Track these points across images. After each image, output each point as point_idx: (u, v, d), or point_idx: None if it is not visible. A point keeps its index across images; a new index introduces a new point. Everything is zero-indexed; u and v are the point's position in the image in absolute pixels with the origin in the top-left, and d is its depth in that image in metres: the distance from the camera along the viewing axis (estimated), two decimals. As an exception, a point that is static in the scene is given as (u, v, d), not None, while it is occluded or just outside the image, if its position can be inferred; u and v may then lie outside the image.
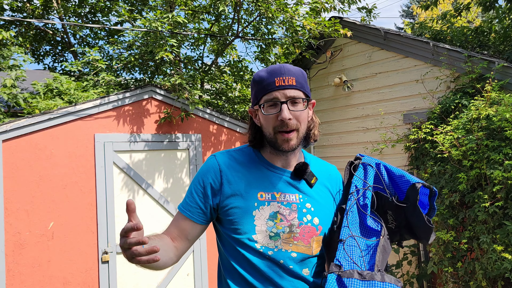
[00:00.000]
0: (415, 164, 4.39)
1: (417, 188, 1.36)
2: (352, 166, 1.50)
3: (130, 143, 4.56)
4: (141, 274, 4.51)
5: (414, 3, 23.24)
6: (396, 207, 1.43)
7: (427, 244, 1.48)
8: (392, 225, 1.45)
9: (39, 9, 7.99)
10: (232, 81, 7.29)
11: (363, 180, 1.43)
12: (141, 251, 1.14)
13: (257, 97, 1.43)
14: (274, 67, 1.44)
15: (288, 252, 1.38)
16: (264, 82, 1.41)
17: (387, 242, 1.40)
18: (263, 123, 1.43)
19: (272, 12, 5.27)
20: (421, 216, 1.38)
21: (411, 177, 1.41)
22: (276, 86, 1.39)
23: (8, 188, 3.85)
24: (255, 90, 1.45)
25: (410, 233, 1.47)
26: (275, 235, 1.38)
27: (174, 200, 4.85)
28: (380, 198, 1.44)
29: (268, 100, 1.40)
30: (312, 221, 1.42)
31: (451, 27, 6.67)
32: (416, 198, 1.37)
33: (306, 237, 1.40)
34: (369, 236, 1.39)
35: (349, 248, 1.33)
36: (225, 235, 1.44)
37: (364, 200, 1.41)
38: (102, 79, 5.46)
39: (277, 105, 1.39)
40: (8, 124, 3.88)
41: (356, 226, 1.38)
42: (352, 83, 5.43)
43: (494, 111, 3.53)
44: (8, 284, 3.78)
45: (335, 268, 1.29)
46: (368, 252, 1.36)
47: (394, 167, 1.45)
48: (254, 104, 1.47)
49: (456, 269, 3.75)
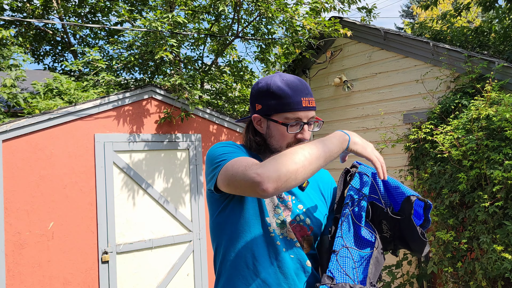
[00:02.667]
0: (415, 164, 4.39)
1: (411, 201, 1.35)
2: (347, 174, 1.49)
3: (130, 143, 4.56)
4: (141, 274, 4.51)
5: (414, 3, 23.24)
6: (391, 218, 1.43)
7: (421, 256, 1.47)
8: (387, 234, 1.45)
9: (39, 9, 8.00)
10: (232, 81, 7.30)
11: (359, 190, 1.43)
12: None
13: (276, 110, 1.41)
14: (295, 83, 1.43)
15: (293, 241, 1.41)
16: (289, 99, 1.40)
17: (380, 254, 1.41)
18: (276, 136, 1.44)
19: (272, 12, 5.27)
20: (415, 230, 1.38)
21: (406, 189, 1.40)
22: (303, 107, 1.41)
23: (8, 188, 3.85)
24: (274, 102, 1.42)
25: (404, 245, 1.47)
26: (282, 223, 1.41)
27: (174, 200, 4.85)
28: (376, 209, 1.43)
29: (291, 118, 1.41)
30: (304, 221, 1.45)
31: (451, 27, 6.67)
32: (410, 211, 1.36)
33: (297, 236, 1.43)
34: (363, 247, 1.39)
35: (342, 260, 1.34)
36: (233, 213, 1.43)
37: (359, 210, 1.41)
38: (102, 79, 5.46)
39: (298, 124, 1.41)
40: (8, 124, 3.88)
41: (350, 237, 1.38)
42: (352, 83, 5.43)
43: (494, 111, 3.53)
44: (8, 284, 3.78)
45: (328, 280, 1.30)
46: (361, 263, 1.36)
47: (390, 178, 1.43)
48: (265, 114, 1.44)
49: (456, 269, 3.75)
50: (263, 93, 1.44)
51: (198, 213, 4.99)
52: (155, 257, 4.63)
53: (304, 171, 1.20)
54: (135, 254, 4.50)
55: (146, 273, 4.55)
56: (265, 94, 1.43)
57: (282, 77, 1.45)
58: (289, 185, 1.18)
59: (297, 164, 1.19)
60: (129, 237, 4.48)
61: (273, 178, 1.15)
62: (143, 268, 4.53)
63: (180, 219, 4.83)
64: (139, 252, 4.52)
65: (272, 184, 1.16)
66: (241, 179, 1.21)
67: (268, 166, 1.18)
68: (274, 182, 1.16)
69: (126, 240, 4.45)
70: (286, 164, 1.17)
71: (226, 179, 1.27)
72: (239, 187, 1.24)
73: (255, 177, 1.16)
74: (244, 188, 1.22)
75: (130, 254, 4.46)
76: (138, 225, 4.55)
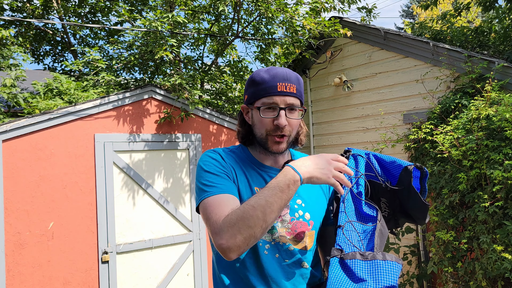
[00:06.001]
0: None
1: (410, 170, 1.41)
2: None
3: (130, 143, 4.56)
4: (141, 274, 4.51)
5: (414, 3, 23.24)
6: (390, 193, 1.46)
7: (424, 224, 1.50)
8: (385, 212, 1.48)
9: (39, 9, 8.00)
10: (232, 81, 7.30)
11: (355, 169, 1.45)
12: None
13: (255, 96, 1.43)
14: (277, 70, 1.43)
15: (285, 245, 1.40)
16: (266, 84, 1.41)
17: (384, 226, 1.43)
18: (257, 124, 1.45)
19: (272, 12, 5.27)
20: (416, 196, 1.42)
21: (401, 161, 1.45)
22: (278, 91, 1.39)
23: (8, 188, 3.85)
24: (253, 89, 1.44)
25: (405, 217, 1.51)
26: (272, 228, 1.39)
27: (174, 200, 4.85)
28: (373, 186, 1.46)
29: (266, 103, 1.40)
30: (304, 216, 1.44)
31: (451, 27, 6.67)
32: (410, 179, 1.41)
33: (298, 232, 1.42)
34: (365, 221, 1.41)
35: (348, 233, 1.35)
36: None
37: (357, 188, 1.44)
38: (102, 79, 5.46)
39: (275, 109, 1.40)
40: (8, 124, 3.88)
41: (353, 213, 1.40)
42: (352, 83, 5.43)
43: (494, 111, 3.53)
44: (8, 284, 3.78)
45: (337, 252, 1.30)
46: (366, 236, 1.38)
47: (384, 155, 1.48)
48: (249, 103, 1.47)
49: (456, 269, 3.75)
50: (248, 83, 1.47)
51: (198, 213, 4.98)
52: (155, 257, 4.63)
53: (261, 231, 1.21)
54: (135, 254, 4.50)
55: (146, 273, 4.55)
56: (249, 84, 1.47)
57: (269, 68, 1.45)
58: (251, 245, 1.22)
59: (253, 229, 1.19)
60: (129, 237, 4.48)
61: (233, 249, 1.18)
62: (143, 268, 4.53)
63: (180, 219, 4.83)
64: (139, 252, 4.52)
65: (234, 254, 1.19)
66: (210, 232, 1.25)
67: (227, 237, 1.18)
68: (236, 252, 1.19)
69: (126, 240, 4.45)
70: (242, 232, 1.18)
71: (203, 218, 1.32)
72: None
73: (221, 244, 1.18)
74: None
75: (130, 254, 4.46)
76: (138, 225, 4.55)
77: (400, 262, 1.27)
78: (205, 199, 1.32)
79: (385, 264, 1.25)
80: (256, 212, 1.18)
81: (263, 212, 1.19)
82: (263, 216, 1.19)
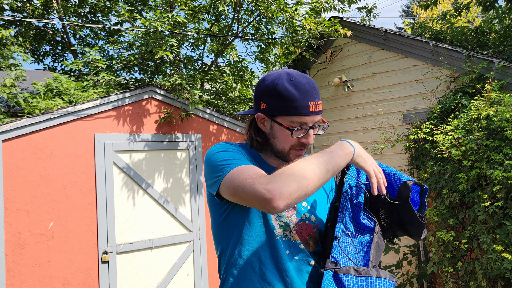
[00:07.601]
0: (415, 164, 4.39)
1: (408, 185, 1.38)
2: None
3: (130, 143, 4.56)
4: (141, 274, 4.51)
5: (414, 3, 23.24)
6: (389, 205, 1.45)
7: (419, 240, 1.50)
8: (384, 222, 1.48)
9: (39, 9, 8.00)
10: (232, 81, 7.29)
11: (356, 178, 1.46)
12: None
13: (281, 112, 1.37)
14: (304, 85, 1.37)
15: (296, 242, 1.41)
16: (296, 102, 1.35)
17: (381, 239, 1.43)
18: (279, 138, 1.41)
19: (272, 12, 5.27)
20: (413, 213, 1.40)
21: (402, 175, 1.44)
22: (310, 112, 1.37)
23: (8, 188, 3.85)
24: (279, 103, 1.37)
25: (402, 230, 1.50)
26: (285, 225, 1.40)
27: (174, 200, 4.85)
28: (373, 196, 1.46)
29: (296, 122, 1.37)
30: (310, 219, 1.45)
31: (451, 27, 6.67)
32: (408, 195, 1.39)
33: (303, 234, 1.42)
34: (363, 233, 1.41)
35: (344, 245, 1.35)
36: (237, 217, 1.40)
37: (357, 198, 1.44)
38: (102, 79, 5.46)
39: (304, 129, 1.39)
40: (8, 124, 3.88)
41: (350, 224, 1.41)
42: (352, 83, 5.43)
43: (494, 111, 3.53)
44: (8, 284, 3.78)
45: (331, 265, 1.30)
46: (362, 248, 1.38)
47: (385, 166, 1.47)
48: (270, 114, 1.40)
49: (456, 269, 3.75)
50: (269, 92, 1.38)
51: (198, 213, 4.99)
52: (155, 257, 4.63)
53: (314, 187, 1.19)
54: (135, 254, 4.50)
55: (146, 273, 4.55)
56: (271, 94, 1.38)
57: (290, 76, 1.38)
58: (299, 201, 1.18)
59: (307, 180, 1.17)
60: (129, 237, 4.48)
61: (285, 195, 1.13)
62: (143, 268, 4.53)
63: (180, 219, 4.83)
64: (139, 252, 4.52)
65: (283, 201, 1.13)
66: (249, 192, 1.17)
67: (279, 182, 1.14)
68: (285, 200, 1.13)
69: (126, 240, 4.45)
70: (296, 180, 1.15)
71: (232, 189, 1.24)
72: (246, 199, 1.21)
73: (265, 193, 1.13)
74: (252, 202, 1.19)
75: (130, 254, 4.46)
76: (138, 225, 4.55)
77: (394, 280, 1.27)
78: (231, 170, 1.25)
79: (379, 281, 1.25)
80: (312, 166, 1.20)
81: (320, 169, 1.20)
82: (319, 172, 1.20)
